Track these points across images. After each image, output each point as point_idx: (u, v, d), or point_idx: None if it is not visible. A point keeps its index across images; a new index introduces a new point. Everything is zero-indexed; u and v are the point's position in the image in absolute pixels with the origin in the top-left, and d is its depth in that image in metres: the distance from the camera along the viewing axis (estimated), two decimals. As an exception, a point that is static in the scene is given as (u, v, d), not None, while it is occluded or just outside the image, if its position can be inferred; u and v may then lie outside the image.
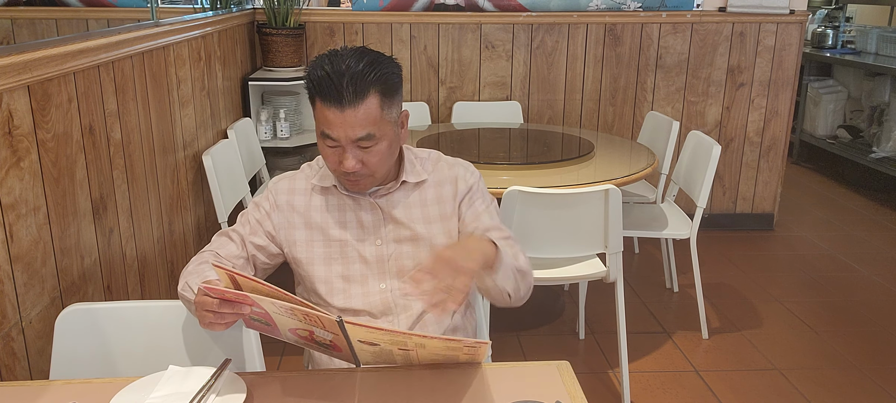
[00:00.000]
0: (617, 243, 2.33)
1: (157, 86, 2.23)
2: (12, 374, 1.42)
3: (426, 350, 1.19)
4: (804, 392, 2.59)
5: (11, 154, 1.41)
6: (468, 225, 1.49)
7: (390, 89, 1.35)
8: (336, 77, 1.29)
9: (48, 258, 1.55)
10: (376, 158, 1.37)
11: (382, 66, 1.33)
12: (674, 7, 3.85)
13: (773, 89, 4.01)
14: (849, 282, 3.54)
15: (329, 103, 1.30)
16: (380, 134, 1.35)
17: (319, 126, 1.35)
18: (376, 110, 1.32)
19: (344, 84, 1.29)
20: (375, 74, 1.31)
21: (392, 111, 1.37)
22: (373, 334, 1.15)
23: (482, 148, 3.07)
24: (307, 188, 1.49)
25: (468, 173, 1.52)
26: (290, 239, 1.47)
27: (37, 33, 2.30)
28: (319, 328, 1.18)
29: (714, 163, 2.71)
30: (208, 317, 1.16)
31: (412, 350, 1.19)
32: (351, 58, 1.31)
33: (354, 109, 1.30)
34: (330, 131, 1.33)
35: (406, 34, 3.79)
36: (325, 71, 1.30)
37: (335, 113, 1.31)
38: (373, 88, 1.31)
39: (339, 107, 1.30)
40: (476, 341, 1.16)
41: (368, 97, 1.31)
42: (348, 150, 1.34)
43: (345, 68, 1.29)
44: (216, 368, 1.23)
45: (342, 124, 1.31)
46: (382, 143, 1.36)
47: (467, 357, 1.22)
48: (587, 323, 3.05)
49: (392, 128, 1.38)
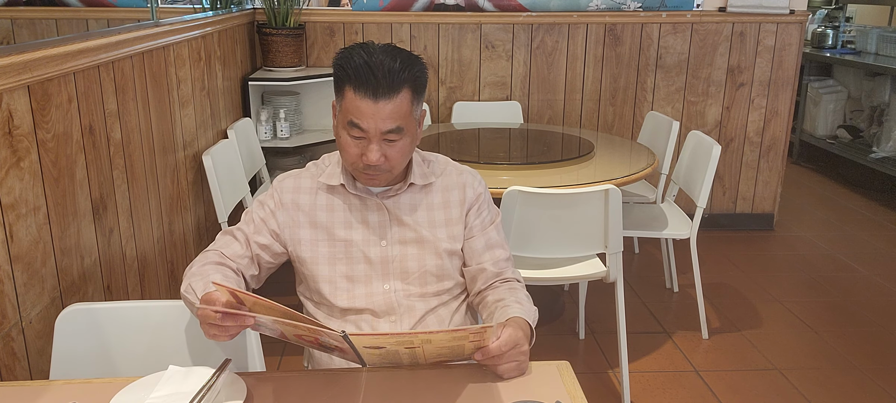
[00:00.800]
0: (617, 243, 2.33)
1: (157, 86, 2.23)
2: (12, 374, 1.42)
3: (432, 345, 1.19)
4: (804, 392, 2.59)
5: (11, 154, 1.41)
6: (474, 235, 1.50)
7: (420, 87, 1.37)
8: (371, 66, 1.29)
9: (48, 258, 1.55)
10: (399, 153, 1.37)
11: (415, 65, 1.35)
12: (674, 7, 3.85)
13: (773, 89, 4.01)
14: (849, 282, 3.54)
15: (363, 93, 1.31)
16: (407, 129, 1.36)
17: (347, 115, 1.34)
18: (407, 105, 1.34)
19: (379, 76, 1.29)
20: (409, 72, 1.33)
21: (418, 108, 1.39)
22: (378, 340, 1.16)
23: (482, 148, 3.07)
24: (313, 187, 1.48)
25: (476, 181, 1.54)
26: (295, 237, 1.47)
27: (37, 33, 2.30)
28: (325, 338, 1.18)
29: (714, 163, 2.71)
30: (212, 330, 1.16)
31: (418, 347, 1.19)
32: (384, 53, 1.32)
33: (388, 101, 1.31)
34: (360, 121, 1.32)
35: (406, 34, 3.79)
36: (362, 60, 1.30)
37: (368, 103, 1.31)
38: (406, 85, 1.33)
39: (372, 98, 1.30)
40: (481, 326, 1.15)
41: (402, 92, 1.32)
42: (374, 142, 1.34)
43: (380, 61, 1.30)
44: (216, 368, 1.23)
45: (374, 115, 1.31)
46: (407, 139, 1.37)
47: (473, 347, 1.21)
48: (587, 323, 3.05)
49: (416, 125, 1.40)
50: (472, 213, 1.51)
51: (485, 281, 1.50)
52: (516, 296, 1.42)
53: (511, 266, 1.53)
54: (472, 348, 1.22)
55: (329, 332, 1.12)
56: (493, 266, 1.50)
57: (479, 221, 1.51)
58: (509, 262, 1.53)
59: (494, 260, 1.50)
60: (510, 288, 1.46)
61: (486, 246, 1.51)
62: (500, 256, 1.51)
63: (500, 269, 1.50)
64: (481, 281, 1.50)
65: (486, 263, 1.50)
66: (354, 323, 1.47)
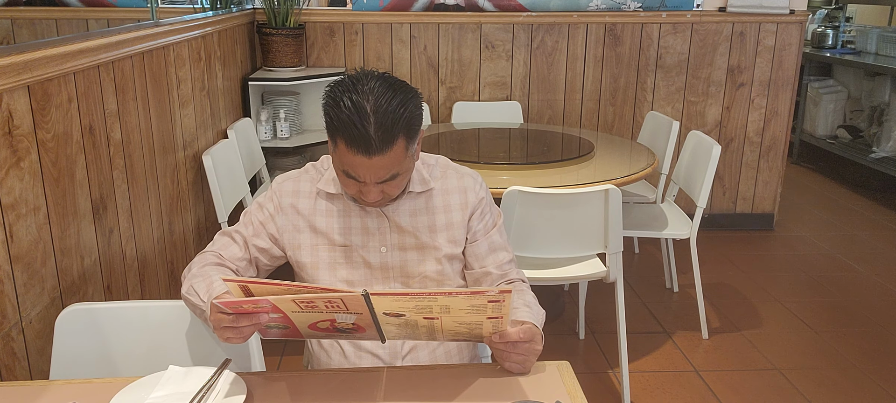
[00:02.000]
0: (617, 243, 2.33)
1: (157, 86, 2.23)
2: (12, 374, 1.42)
3: (450, 316, 1.17)
4: (804, 392, 2.59)
5: (11, 154, 1.41)
6: (478, 239, 1.50)
7: (415, 129, 1.31)
8: (362, 121, 1.22)
9: (48, 258, 1.55)
10: (398, 188, 1.36)
11: (408, 106, 1.27)
12: (674, 7, 3.85)
13: (773, 89, 4.01)
14: (849, 282, 3.54)
15: (355, 150, 1.24)
16: (404, 170, 1.33)
17: (342, 165, 1.30)
18: (402, 152, 1.29)
19: (371, 132, 1.22)
20: (403, 120, 1.25)
21: (413, 146, 1.34)
22: (398, 303, 1.13)
23: (482, 148, 3.07)
24: (312, 191, 1.47)
25: (477, 185, 1.51)
26: (294, 242, 1.46)
27: (37, 33, 2.30)
28: (342, 312, 1.15)
29: (714, 163, 2.71)
30: (227, 333, 1.15)
31: (437, 317, 1.17)
32: (376, 102, 1.23)
33: (382, 156, 1.26)
34: (356, 174, 1.29)
35: (406, 34, 3.79)
36: (350, 110, 1.22)
37: (362, 159, 1.26)
38: (400, 134, 1.26)
39: (366, 155, 1.25)
40: (499, 290, 1.12)
41: (396, 144, 1.26)
42: (371, 186, 1.32)
43: (371, 109, 1.23)
44: (216, 368, 1.23)
45: (369, 168, 1.27)
46: (404, 176, 1.35)
47: (491, 325, 1.20)
48: (587, 323, 3.05)
49: (412, 159, 1.36)
50: (475, 218, 1.50)
51: (490, 285, 1.50)
52: (524, 299, 1.42)
53: (515, 267, 1.53)
54: (490, 326, 1.20)
55: (348, 294, 1.09)
56: (497, 269, 1.50)
57: (481, 225, 1.50)
58: (513, 264, 1.53)
59: (498, 263, 1.50)
60: (517, 290, 1.45)
61: (490, 249, 1.50)
62: (504, 259, 1.51)
63: (505, 271, 1.50)
64: (486, 284, 1.50)
65: (489, 266, 1.50)
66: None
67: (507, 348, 1.22)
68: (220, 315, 1.14)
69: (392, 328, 1.21)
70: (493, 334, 1.22)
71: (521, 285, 1.49)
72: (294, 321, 1.18)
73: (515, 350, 1.23)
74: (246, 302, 1.13)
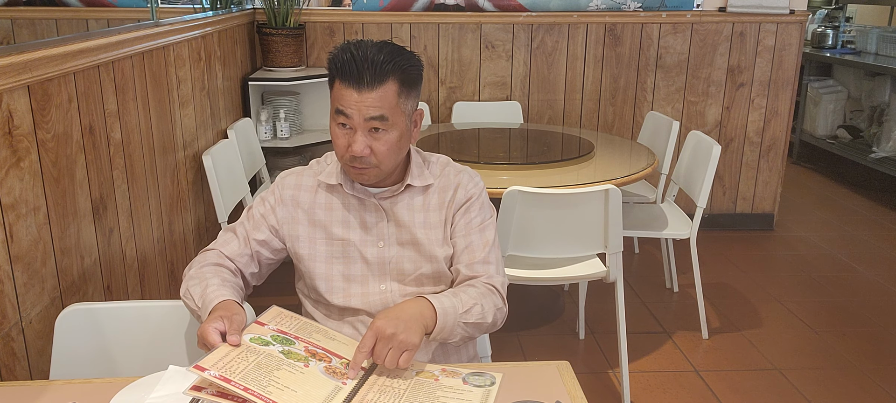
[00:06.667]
0: (617, 243, 2.33)
1: (157, 86, 2.23)
2: (12, 374, 1.42)
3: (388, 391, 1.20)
4: (804, 392, 2.59)
5: (11, 154, 1.41)
6: (456, 236, 1.47)
7: (409, 80, 1.37)
8: (358, 61, 1.32)
9: (48, 258, 1.55)
10: (385, 147, 1.36)
11: (402, 58, 1.35)
12: (674, 7, 3.85)
13: (773, 89, 4.01)
14: (849, 282, 3.54)
15: (347, 83, 1.33)
16: (393, 120, 1.35)
17: (334, 103, 1.37)
18: (393, 96, 1.34)
19: (365, 67, 1.31)
20: (395, 63, 1.34)
21: (408, 103, 1.38)
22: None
23: (482, 148, 3.07)
24: (313, 185, 1.48)
25: (471, 183, 1.50)
26: (293, 234, 1.47)
27: (37, 33, 2.30)
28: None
29: (714, 163, 2.71)
30: None
31: None
32: (374, 47, 1.34)
33: (371, 91, 1.32)
34: (344, 108, 1.34)
35: (406, 34, 3.79)
36: (350, 55, 1.33)
37: (352, 92, 1.33)
38: (392, 75, 1.33)
39: (356, 88, 1.32)
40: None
41: (387, 82, 1.33)
42: (359, 132, 1.34)
43: (366, 54, 1.33)
44: (216, 368, 1.23)
45: (358, 103, 1.32)
46: (393, 132, 1.36)
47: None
48: (587, 323, 3.05)
49: (405, 120, 1.38)
50: (459, 214, 1.47)
51: (457, 285, 1.45)
52: (459, 289, 1.40)
53: (492, 270, 1.45)
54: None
55: None
56: (467, 268, 1.44)
57: (463, 222, 1.47)
58: (489, 266, 1.45)
59: (469, 263, 1.45)
60: (466, 286, 1.42)
61: (465, 248, 1.46)
62: (477, 259, 1.45)
63: (475, 272, 1.44)
64: (455, 284, 1.46)
65: (461, 265, 1.45)
66: (351, 325, 1.47)
67: (377, 352, 1.20)
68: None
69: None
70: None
71: (477, 282, 1.43)
72: None
73: (377, 357, 1.20)
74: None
